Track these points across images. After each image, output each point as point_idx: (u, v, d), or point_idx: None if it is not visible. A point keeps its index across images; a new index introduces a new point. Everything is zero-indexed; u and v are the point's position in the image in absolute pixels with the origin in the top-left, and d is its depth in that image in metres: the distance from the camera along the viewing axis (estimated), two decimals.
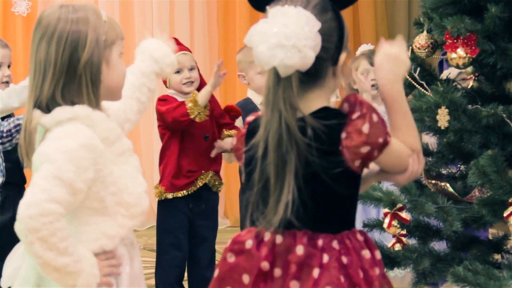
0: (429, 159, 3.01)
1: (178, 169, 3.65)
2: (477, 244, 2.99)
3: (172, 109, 3.58)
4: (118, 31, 1.96)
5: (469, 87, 2.99)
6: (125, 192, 1.90)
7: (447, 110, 2.77)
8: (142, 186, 1.95)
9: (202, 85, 3.74)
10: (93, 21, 1.89)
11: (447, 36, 2.73)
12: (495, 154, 2.64)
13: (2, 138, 3.26)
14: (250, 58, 3.29)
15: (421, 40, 2.96)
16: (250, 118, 1.83)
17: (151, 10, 6.38)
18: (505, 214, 2.64)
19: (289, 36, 1.64)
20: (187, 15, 6.48)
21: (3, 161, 3.33)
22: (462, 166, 3.04)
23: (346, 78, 4.01)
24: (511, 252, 3.01)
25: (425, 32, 2.96)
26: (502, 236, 3.06)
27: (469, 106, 2.82)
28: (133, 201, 1.91)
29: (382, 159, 1.71)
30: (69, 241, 1.78)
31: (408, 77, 2.95)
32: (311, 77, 1.70)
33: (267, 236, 1.72)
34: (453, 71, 3.44)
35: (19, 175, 3.61)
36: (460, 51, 2.72)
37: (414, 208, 2.88)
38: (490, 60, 2.80)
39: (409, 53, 3.01)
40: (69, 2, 1.93)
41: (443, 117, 2.77)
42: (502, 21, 2.73)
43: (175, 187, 3.66)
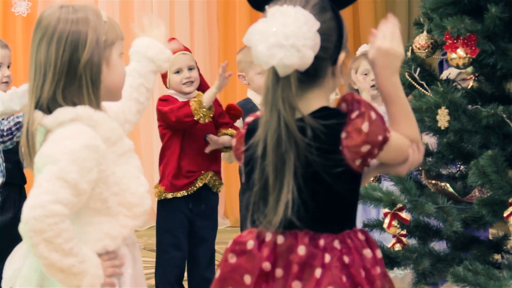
0: (429, 159, 3.01)
1: (178, 169, 3.65)
2: (477, 244, 2.99)
3: (176, 109, 3.58)
4: (118, 31, 1.96)
5: (469, 87, 2.99)
6: (127, 192, 1.90)
7: (447, 110, 2.77)
8: (144, 186, 1.95)
9: (202, 85, 3.74)
10: (93, 21, 1.89)
11: (447, 36, 2.73)
12: (495, 154, 2.63)
13: (2, 137, 3.25)
14: (250, 59, 3.29)
15: (421, 40, 2.96)
16: (250, 119, 1.83)
17: (151, 10, 6.37)
18: (505, 214, 2.64)
19: (288, 36, 1.64)
20: (187, 15, 6.48)
21: (3, 162, 3.33)
22: (462, 166, 3.04)
23: (346, 78, 4.02)
24: (511, 252, 3.01)
25: (425, 33, 2.96)
26: (502, 236, 3.06)
27: (469, 106, 2.82)
28: (136, 201, 1.91)
29: (383, 155, 1.71)
30: (74, 242, 1.78)
31: (408, 77, 2.95)
32: (310, 77, 1.70)
33: (268, 236, 1.72)
34: (453, 71, 3.43)
35: (19, 175, 3.61)
36: (460, 52, 2.72)
37: (414, 208, 2.88)
38: (490, 60, 2.79)
39: (409, 53, 3.01)
40: (69, 3, 1.92)
41: (443, 117, 2.77)
42: (502, 21, 2.72)
43: (175, 187, 3.66)
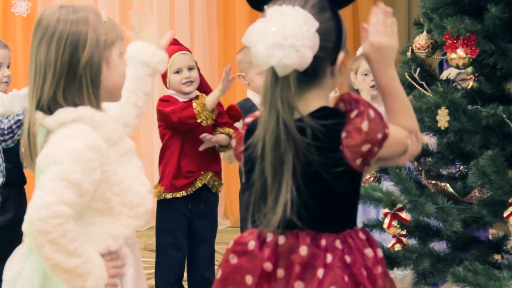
0: (429, 159, 3.01)
1: (178, 170, 3.65)
2: (477, 244, 2.99)
3: (178, 110, 3.58)
4: (118, 32, 1.96)
5: (469, 87, 2.99)
6: (129, 192, 1.90)
7: (447, 110, 2.77)
8: (146, 186, 1.95)
9: (202, 85, 3.74)
10: (93, 21, 1.88)
11: (447, 37, 2.73)
12: (495, 154, 2.63)
13: (3, 136, 3.25)
14: (250, 59, 3.27)
15: (421, 40, 2.96)
16: (249, 119, 1.82)
17: (151, 10, 6.37)
18: (505, 214, 2.64)
19: (287, 36, 1.63)
20: (187, 15, 6.48)
21: (4, 162, 3.33)
22: (462, 167, 3.04)
23: (345, 78, 4.02)
24: (511, 252, 3.01)
25: (425, 33, 2.96)
26: (502, 237, 3.06)
27: (469, 107, 2.82)
28: (138, 201, 1.91)
29: (383, 150, 1.71)
30: (78, 243, 1.78)
31: (408, 77, 2.95)
32: (309, 77, 1.69)
33: (269, 237, 1.72)
34: (453, 72, 3.44)
35: (19, 175, 3.60)
36: (460, 52, 2.71)
37: (414, 208, 2.88)
38: (490, 60, 2.79)
39: (409, 53, 3.01)
40: (69, 3, 1.92)
41: (443, 118, 2.77)
42: (502, 21, 2.72)
43: (174, 188, 3.66)
